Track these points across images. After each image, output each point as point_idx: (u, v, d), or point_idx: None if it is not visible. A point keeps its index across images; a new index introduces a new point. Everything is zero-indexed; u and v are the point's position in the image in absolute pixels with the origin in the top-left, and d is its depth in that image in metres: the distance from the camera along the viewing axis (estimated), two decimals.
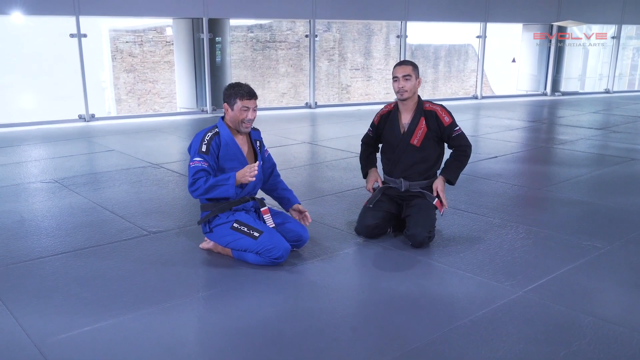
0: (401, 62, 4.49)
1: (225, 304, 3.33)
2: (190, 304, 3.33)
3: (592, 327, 3.10)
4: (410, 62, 4.46)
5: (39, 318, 3.14)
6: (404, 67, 4.37)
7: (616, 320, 3.18)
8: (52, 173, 6.47)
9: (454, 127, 4.46)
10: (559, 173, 6.80)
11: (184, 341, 2.93)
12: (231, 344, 2.91)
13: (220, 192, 3.82)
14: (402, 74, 4.33)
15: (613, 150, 8.13)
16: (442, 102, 4.63)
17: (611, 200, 5.61)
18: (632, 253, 4.22)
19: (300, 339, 2.95)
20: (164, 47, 17.45)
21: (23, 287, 3.53)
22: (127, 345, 2.87)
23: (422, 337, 2.97)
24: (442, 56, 21.14)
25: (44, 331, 2.98)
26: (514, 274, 3.73)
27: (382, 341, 2.95)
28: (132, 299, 3.37)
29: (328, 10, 12.85)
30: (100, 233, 4.51)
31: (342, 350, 2.87)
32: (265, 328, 3.06)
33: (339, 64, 19.60)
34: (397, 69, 4.39)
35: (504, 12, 14.85)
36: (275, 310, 3.27)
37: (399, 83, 4.34)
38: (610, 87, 17.35)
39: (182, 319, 3.17)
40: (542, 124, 11.11)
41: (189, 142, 8.74)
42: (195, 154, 3.87)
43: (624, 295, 3.54)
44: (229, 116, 3.95)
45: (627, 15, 16.46)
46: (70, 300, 3.36)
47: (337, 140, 8.80)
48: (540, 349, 2.87)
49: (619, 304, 3.42)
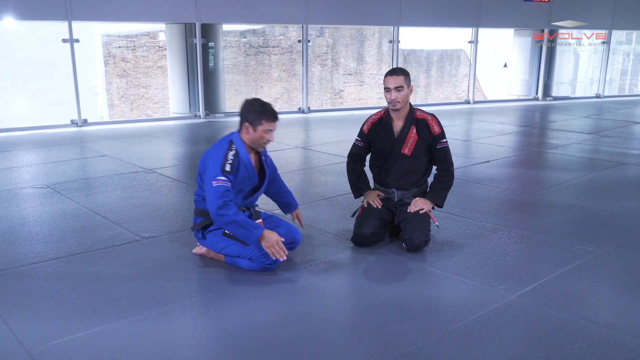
0: (392, 71, 4.34)
1: (218, 310, 3.32)
2: (184, 309, 3.32)
3: (584, 330, 3.10)
4: (401, 72, 4.32)
5: (31, 324, 3.11)
6: (396, 78, 4.24)
7: (608, 324, 3.18)
8: (45, 178, 6.44)
9: (441, 139, 4.37)
10: (551, 177, 6.82)
11: (177, 347, 2.92)
12: (224, 349, 2.90)
13: (241, 235, 3.71)
14: (394, 86, 4.22)
15: (604, 155, 8.16)
16: (434, 107, 4.65)
17: (603, 205, 5.63)
18: (624, 257, 4.24)
19: (293, 345, 2.94)
20: (156, 52, 17.41)
21: (15, 293, 3.51)
22: (120, 352, 2.86)
23: (416, 341, 2.97)
24: (435, 61, 21.17)
25: (36, 337, 2.96)
26: (506, 278, 3.74)
27: (376, 346, 2.95)
28: (125, 304, 3.36)
29: (321, 15, 12.86)
30: (92, 238, 4.49)
31: (335, 355, 2.86)
32: (259, 333, 3.05)
33: (331, 69, 19.61)
34: (388, 79, 4.27)
35: (496, 18, 14.91)
36: (269, 316, 3.26)
37: (391, 94, 4.24)
38: (601, 92, 17.43)
39: (175, 324, 3.15)
40: (534, 129, 11.14)
41: (182, 147, 8.73)
42: (218, 172, 3.70)
43: (615, 298, 3.55)
44: (248, 135, 3.87)
45: (617, 20, 16.57)
46: (62, 306, 3.34)
47: (330, 145, 8.80)
48: (533, 352, 2.87)
49: (611, 308, 3.42)
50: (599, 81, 17.53)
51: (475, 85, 15.69)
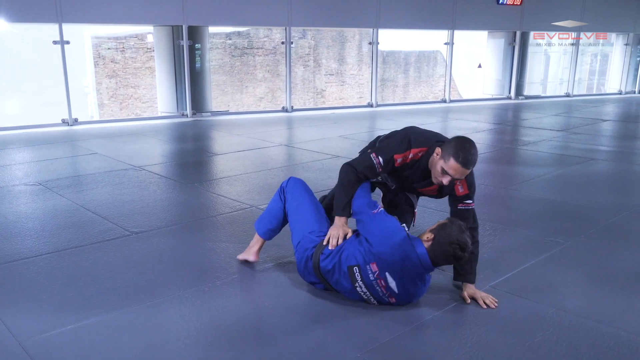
0: (471, 162, 3.29)
1: (205, 302, 3.31)
2: (172, 302, 3.30)
3: (555, 318, 3.13)
4: (474, 165, 3.35)
5: (23, 317, 3.08)
6: (466, 172, 3.33)
7: (577, 312, 3.22)
8: (36, 176, 6.38)
9: (465, 199, 3.52)
10: (523, 173, 6.86)
11: (166, 337, 2.90)
12: (210, 339, 2.89)
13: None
14: (459, 178, 3.33)
15: (573, 151, 8.23)
16: (412, 106, 4.57)
17: (572, 198, 5.68)
18: (592, 248, 4.28)
19: (278, 336, 2.94)
20: (145, 53, 17.29)
21: (7, 287, 3.47)
22: (110, 342, 2.84)
23: (394, 331, 2.98)
24: (412, 62, 21.21)
25: (28, 330, 2.94)
26: (481, 269, 3.75)
27: (357, 336, 2.95)
28: (115, 297, 3.33)
29: (303, 18, 12.84)
30: (83, 234, 4.45)
31: (318, 344, 2.86)
32: (244, 324, 3.05)
33: (314, 69, 19.58)
34: (459, 169, 3.25)
35: (470, 20, 14.95)
36: (254, 307, 3.26)
37: (445, 179, 3.30)
38: (570, 91, 17.56)
39: (164, 316, 3.14)
40: (507, 126, 11.21)
41: (170, 145, 8.67)
42: None
43: (584, 287, 3.59)
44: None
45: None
46: (54, 299, 3.31)
47: (313, 142, 8.79)
48: (506, 339, 2.89)
49: (580, 296, 3.46)
50: (569, 81, 17.66)
51: (451, 84, 15.74)
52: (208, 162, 7.51)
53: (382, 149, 3.52)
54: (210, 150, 8.41)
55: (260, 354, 2.77)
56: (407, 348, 2.82)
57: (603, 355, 2.77)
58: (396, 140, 3.55)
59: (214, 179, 6.49)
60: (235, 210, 5.13)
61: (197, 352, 2.79)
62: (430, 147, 3.45)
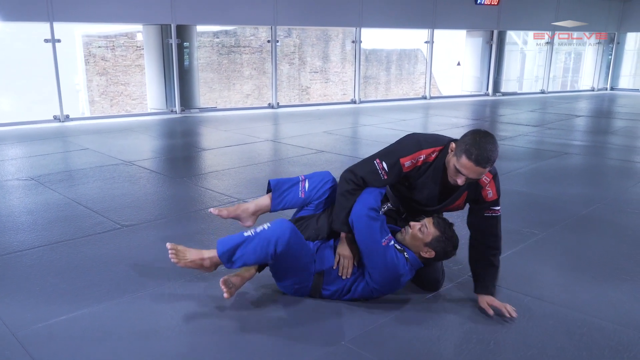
0: (485, 160, 2.81)
1: (193, 292, 3.29)
2: (162, 292, 3.29)
3: (531, 306, 3.15)
4: (492, 163, 2.87)
5: (17, 308, 3.05)
6: (481, 172, 2.85)
7: (552, 300, 3.24)
8: (29, 171, 6.31)
9: (492, 205, 3.09)
10: (500, 166, 6.83)
11: (156, 327, 2.89)
12: (198, 327, 2.88)
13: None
14: (475, 177, 2.89)
15: (548, 145, 8.29)
16: (393, 103, 4.47)
17: (548, 191, 5.71)
18: (567, 238, 4.31)
19: (263, 323, 2.95)
20: (134, 51, 17.17)
21: (1, 280, 3.43)
22: (102, 332, 2.82)
23: (379, 318, 2.98)
24: (394, 60, 21.25)
25: (22, 321, 2.91)
26: (460, 259, 3.76)
27: (341, 324, 2.96)
28: (106, 288, 3.31)
29: (288, 17, 12.80)
30: (75, 227, 4.41)
31: (303, 333, 2.87)
32: (230, 314, 3.04)
33: (299, 67, 19.56)
34: (474, 169, 2.81)
35: (450, 20, 14.99)
36: (239, 298, 3.25)
37: (460, 179, 2.89)
38: (545, 88, 17.68)
39: (155, 306, 3.12)
40: (485, 122, 11.25)
41: (159, 140, 8.61)
42: None
43: (559, 276, 3.62)
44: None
45: (559, 22, 16.78)
46: (46, 290, 3.28)
47: (298, 137, 8.77)
48: (485, 327, 2.91)
49: (555, 285, 3.48)
50: (544, 78, 17.78)
51: (432, 82, 15.78)
52: (196, 157, 7.47)
53: (385, 154, 3.11)
54: (199, 146, 8.37)
55: (247, 340, 2.77)
56: (391, 334, 2.83)
57: (577, 341, 2.79)
58: (401, 143, 3.14)
59: (202, 173, 6.46)
60: (223, 203, 5.11)
61: (186, 338, 2.78)
62: (445, 146, 3.03)
